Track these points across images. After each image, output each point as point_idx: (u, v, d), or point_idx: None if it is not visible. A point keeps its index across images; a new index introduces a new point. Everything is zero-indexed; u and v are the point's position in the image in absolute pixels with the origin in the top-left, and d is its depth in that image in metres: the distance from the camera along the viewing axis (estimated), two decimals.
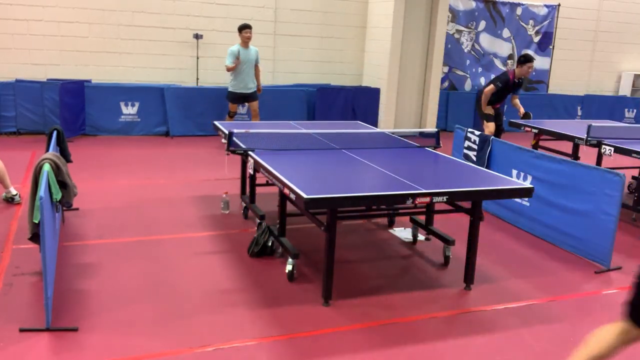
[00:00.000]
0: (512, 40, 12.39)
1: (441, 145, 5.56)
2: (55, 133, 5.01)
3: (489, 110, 8.10)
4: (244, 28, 8.52)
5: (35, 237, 3.92)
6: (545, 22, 12.61)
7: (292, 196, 3.74)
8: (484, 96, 7.97)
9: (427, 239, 5.40)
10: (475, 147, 6.48)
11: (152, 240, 5.05)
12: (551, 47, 12.84)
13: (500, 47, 12.31)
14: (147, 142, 9.28)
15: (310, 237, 5.28)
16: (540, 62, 12.79)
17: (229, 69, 8.56)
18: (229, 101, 8.94)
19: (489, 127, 8.06)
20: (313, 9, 10.83)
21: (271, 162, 4.47)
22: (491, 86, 7.91)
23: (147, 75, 10.03)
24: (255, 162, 4.60)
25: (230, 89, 8.78)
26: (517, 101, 8.20)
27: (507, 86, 7.93)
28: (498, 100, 8.08)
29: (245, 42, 8.54)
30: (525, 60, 7.79)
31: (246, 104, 9.26)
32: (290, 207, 4.73)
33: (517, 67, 7.85)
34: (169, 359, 3.29)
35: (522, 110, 8.05)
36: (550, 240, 5.45)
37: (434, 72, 10.67)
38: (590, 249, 5.02)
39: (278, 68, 10.84)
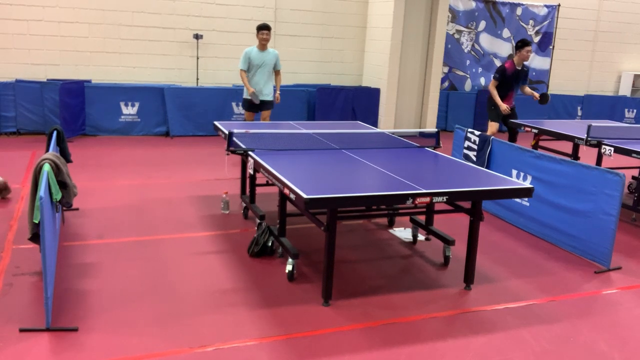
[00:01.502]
0: (512, 41, 12.38)
1: (441, 145, 5.56)
2: (55, 133, 5.01)
3: (504, 107, 7.90)
4: (260, 29, 7.65)
5: (35, 237, 3.92)
6: (545, 23, 12.61)
7: (292, 196, 3.74)
8: (492, 94, 7.94)
9: (427, 239, 5.40)
10: (475, 147, 6.48)
11: (152, 240, 5.05)
12: (551, 47, 12.84)
13: (500, 47, 12.31)
14: (147, 142, 9.28)
15: (310, 237, 5.28)
16: (540, 62, 12.80)
17: (240, 74, 7.77)
18: (244, 109, 8.08)
19: (491, 127, 8.03)
20: (313, 9, 10.84)
21: (271, 162, 4.47)
22: (492, 81, 7.93)
23: (147, 76, 10.03)
24: (255, 162, 4.61)
25: (244, 95, 7.92)
26: (528, 89, 8.07)
27: (505, 76, 7.87)
28: (506, 93, 7.97)
29: (262, 44, 7.69)
30: (522, 44, 7.75)
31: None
32: (290, 207, 4.73)
33: (516, 54, 7.83)
34: (169, 359, 3.29)
35: (536, 94, 7.92)
36: (550, 240, 5.45)
37: (434, 72, 10.67)
38: (590, 249, 5.02)
39: None
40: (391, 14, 10.15)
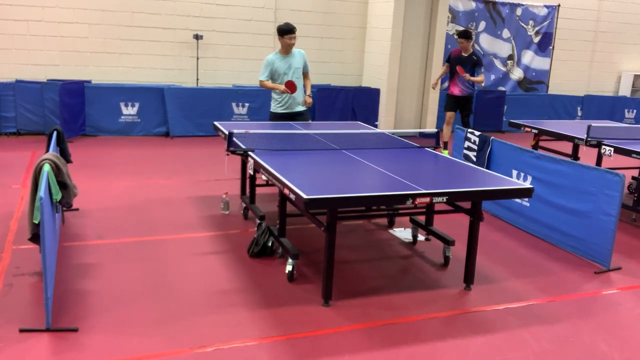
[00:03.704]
0: (512, 41, 12.38)
1: (441, 145, 5.56)
2: (55, 133, 5.01)
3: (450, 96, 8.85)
4: (286, 32, 6.28)
5: (35, 237, 3.92)
6: (545, 23, 12.61)
7: (292, 196, 3.74)
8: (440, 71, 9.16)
9: (427, 239, 5.40)
10: (475, 147, 6.49)
11: (152, 241, 5.05)
12: (551, 47, 12.84)
13: (500, 47, 12.31)
14: (147, 142, 9.28)
15: (310, 237, 5.28)
16: (540, 63, 12.80)
17: (261, 85, 6.46)
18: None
19: (446, 116, 8.93)
20: (313, 9, 10.84)
21: (271, 162, 4.47)
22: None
23: (147, 76, 10.03)
24: (255, 162, 4.61)
25: (271, 109, 6.60)
26: (472, 78, 8.63)
27: (450, 59, 8.79)
28: (450, 77, 8.82)
29: (286, 49, 6.38)
30: (457, 35, 8.72)
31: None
32: (290, 208, 4.73)
33: None
34: (169, 359, 3.29)
35: (473, 78, 8.55)
36: (550, 240, 5.45)
37: (434, 72, 10.67)
38: (590, 249, 5.02)
39: None
40: (391, 15, 10.15)
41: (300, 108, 6.57)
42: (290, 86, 6.31)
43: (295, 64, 6.45)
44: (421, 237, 5.42)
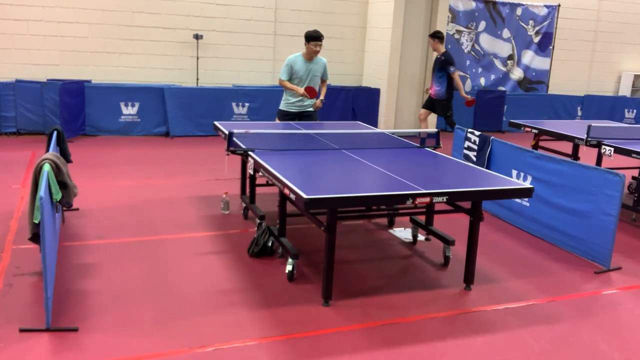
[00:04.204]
0: (512, 41, 12.38)
1: (441, 145, 5.56)
2: (55, 133, 5.01)
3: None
4: (312, 39, 6.32)
5: (36, 237, 3.92)
6: (545, 23, 12.61)
7: (292, 196, 3.74)
8: None
9: (427, 239, 5.40)
10: (475, 147, 6.48)
11: (152, 241, 5.05)
12: (551, 47, 12.84)
13: (500, 47, 12.31)
14: (147, 142, 9.28)
15: (310, 237, 5.28)
16: (540, 62, 12.80)
17: (281, 84, 6.53)
18: (278, 120, 6.81)
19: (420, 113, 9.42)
20: (313, 9, 10.84)
21: (271, 162, 4.47)
22: None
23: (147, 76, 10.03)
24: (255, 162, 4.61)
25: (280, 107, 6.72)
26: (456, 82, 8.86)
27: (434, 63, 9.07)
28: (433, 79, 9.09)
29: (310, 55, 6.43)
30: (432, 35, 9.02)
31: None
32: (290, 207, 4.73)
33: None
34: (169, 359, 3.29)
35: (466, 97, 8.96)
36: (550, 240, 5.45)
37: None
38: (590, 249, 5.02)
39: (278, 68, 10.80)
40: (391, 14, 10.15)
41: (310, 109, 6.66)
42: (311, 92, 6.38)
43: (315, 71, 6.50)
44: (421, 237, 5.42)
